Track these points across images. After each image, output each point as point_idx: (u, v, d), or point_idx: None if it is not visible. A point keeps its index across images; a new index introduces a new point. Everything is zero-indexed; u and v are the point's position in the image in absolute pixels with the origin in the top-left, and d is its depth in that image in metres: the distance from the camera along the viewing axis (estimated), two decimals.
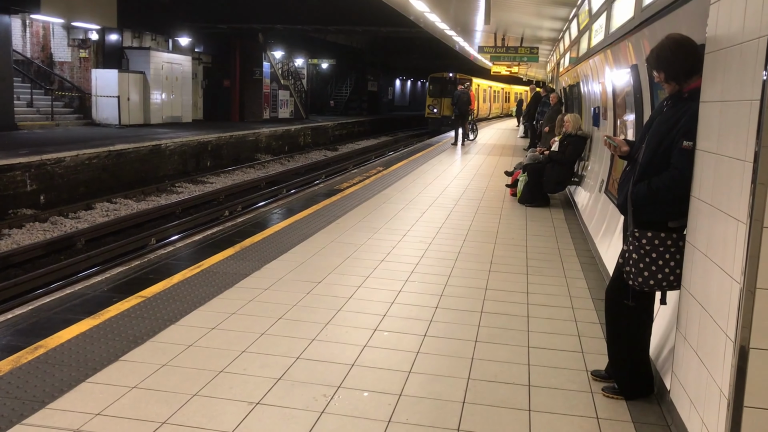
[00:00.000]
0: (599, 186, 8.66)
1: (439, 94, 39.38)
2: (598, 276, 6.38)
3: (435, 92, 40.12)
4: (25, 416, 3.33)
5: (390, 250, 7.13)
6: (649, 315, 3.81)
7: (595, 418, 3.58)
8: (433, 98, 39.93)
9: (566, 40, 15.56)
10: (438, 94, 39.58)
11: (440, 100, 39.00)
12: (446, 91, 37.75)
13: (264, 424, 3.38)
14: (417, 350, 4.40)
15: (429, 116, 40.22)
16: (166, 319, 4.77)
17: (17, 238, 11.57)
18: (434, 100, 39.77)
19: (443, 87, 39.05)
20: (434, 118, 39.57)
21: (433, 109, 39.90)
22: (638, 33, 5.75)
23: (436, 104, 39.59)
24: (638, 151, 3.62)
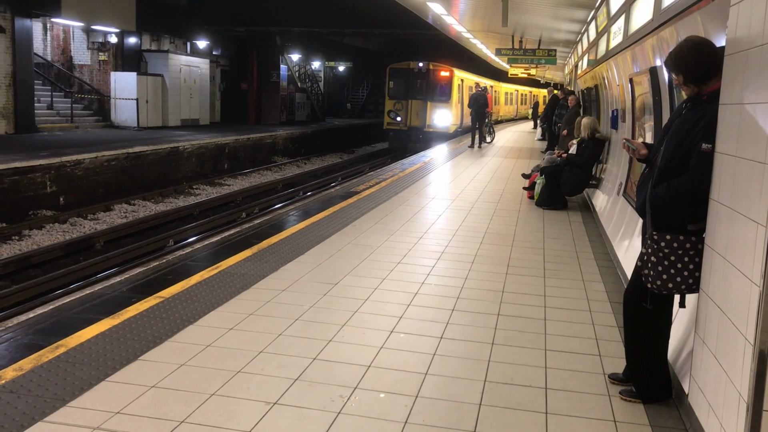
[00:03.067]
0: (617, 189, 8.61)
1: (404, 93, 27.36)
2: (616, 279, 6.35)
3: (398, 91, 27.61)
4: (46, 414, 3.37)
5: (406, 252, 7.14)
6: (667, 318, 3.79)
7: (613, 422, 3.56)
8: (395, 100, 27.47)
9: (584, 43, 15.50)
10: (402, 93, 27.41)
11: (406, 104, 27.14)
12: (414, 89, 27.17)
13: (281, 424, 3.40)
14: (433, 352, 4.40)
15: (390, 127, 27.75)
16: (185, 320, 4.81)
17: (37, 239, 11.70)
18: (397, 103, 27.38)
19: (410, 83, 27.39)
20: (397, 131, 27.48)
21: (395, 116, 27.40)
22: (657, 35, 5.72)
23: (400, 109, 27.34)
24: (657, 154, 3.61)
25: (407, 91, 27.25)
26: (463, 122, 29.06)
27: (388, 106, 27.68)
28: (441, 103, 27.12)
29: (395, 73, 27.89)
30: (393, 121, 27.48)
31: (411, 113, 27.27)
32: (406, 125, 27.23)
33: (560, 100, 17.81)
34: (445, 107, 27.20)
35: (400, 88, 27.49)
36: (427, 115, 26.98)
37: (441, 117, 27.08)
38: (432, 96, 27.00)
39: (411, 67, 27.46)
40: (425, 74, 27.22)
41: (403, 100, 27.25)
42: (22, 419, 3.31)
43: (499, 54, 22.02)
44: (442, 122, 27.11)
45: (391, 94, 27.71)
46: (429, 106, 27.04)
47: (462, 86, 29.03)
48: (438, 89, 27.18)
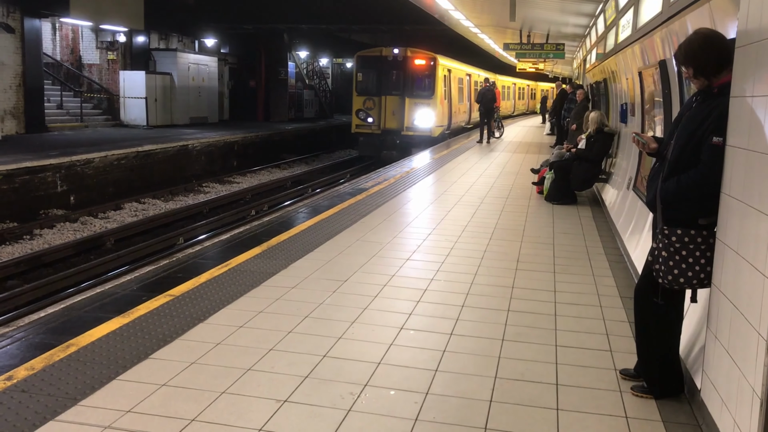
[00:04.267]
0: (627, 183, 8.56)
1: (376, 88, 22.47)
2: (627, 274, 6.31)
3: (368, 85, 22.76)
4: (58, 413, 3.39)
5: (416, 248, 7.13)
6: (678, 313, 3.76)
7: (624, 418, 3.54)
8: (365, 97, 22.57)
9: (593, 36, 15.42)
10: (374, 88, 22.56)
11: (379, 101, 22.32)
12: (389, 82, 22.31)
13: (291, 421, 3.40)
14: (443, 349, 4.39)
15: (360, 131, 22.73)
16: (195, 318, 4.81)
17: (48, 238, 11.77)
18: (367, 101, 22.50)
19: (383, 75, 22.45)
20: (368, 135, 22.50)
21: (364, 116, 22.54)
22: (667, 28, 5.67)
23: (371, 107, 22.41)
24: (667, 148, 3.58)
25: (380, 84, 22.25)
26: (452, 123, 24.86)
27: (356, 105, 22.55)
28: (422, 100, 22.18)
29: (364, 62, 22.87)
30: (363, 122, 22.34)
31: (385, 113, 22.17)
32: (378, 128, 22.11)
33: (569, 94, 17.73)
34: (427, 105, 22.15)
35: (371, 81, 22.55)
36: (404, 115, 22.08)
37: (422, 117, 22.07)
38: (410, 91, 22.17)
39: (384, 55, 22.23)
40: (402, 63, 22.11)
41: (374, 96, 22.20)
42: (34, 418, 3.32)
43: (507, 49, 21.98)
44: (424, 123, 22.12)
45: (359, 89, 22.62)
46: (407, 104, 22.05)
47: (449, 78, 24.02)
48: (418, 82, 22.44)
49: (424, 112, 22.18)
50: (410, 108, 22.22)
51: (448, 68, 24.08)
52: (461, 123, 27.78)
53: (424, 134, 22.09)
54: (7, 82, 19.33)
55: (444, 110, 23.69)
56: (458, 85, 26.30)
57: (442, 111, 23.23)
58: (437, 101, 22.47)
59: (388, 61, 22.26)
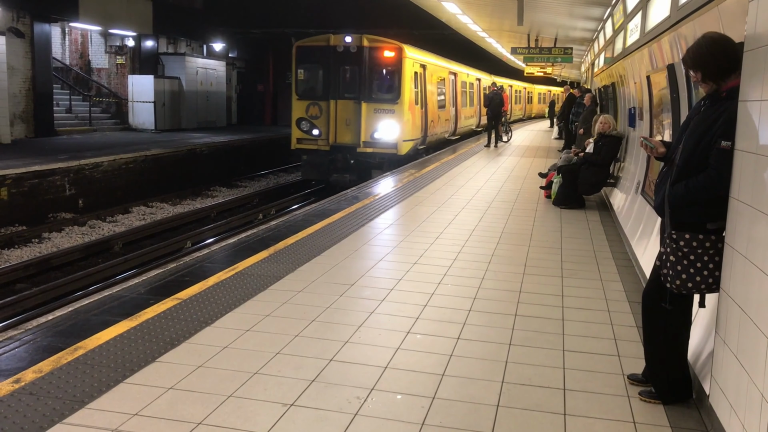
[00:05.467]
0: (635, 187, 8.53)
1: (324, 89, 17.41)
2: (635, 279, 6.29)
3: (312, 86, 17.74)
4: (65, 416, 3.40)
5: (422, 252, 7.12)
6: (687, 318, 3.74)
7: (632, 423, 3.52)
8: (309, 101, 17.40)
9: (601, 40, 15.40)
10: (320, 89, 17.50)
11: (327, 107, 17.20)
12: (340, 81, 17.22)
13: (298, 425, 3.39)
14: (450, 353, 4.38)
15: (302, 147, 17.57)
16: (202, 321, 4.82)
17: (57, 241, 11.82)
18: (311, 106, 17.34)
19: (332, 72, 17.24)
20: (314, 152, 17.42)
21: (308, 127, 17.39)
22: (675, 32, 5.66)
23: (317, 115, 17.29)
24: (675, 152, 3.57)
25: (328, 85, 17.06)
26: (428, 135, 19.46)
27: (296, 112, 17.20)
28: (384, 105, 16.91)
29: (306, 55, 17.36)
30: (306, 135, 17.12)
31: (335, 123, 16.98)
32: (327, 143, 16.97)
33: (577, 98, 17.70)
34: (391, 112, 16.83)
35: (316, 80, 17.43)
36: (361, 126, 16.84)
37: (385, 128, 16.82)
38: (369, 93, 17.00)
39: (332, 45, 16.96)
40: (357, 56, 16.85)
41: (321, 100, 17.01)
42: (42, 421, 3.33)
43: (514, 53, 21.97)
44: (388, 137, 16.85)
45: (300, 92, 17.28)
46: (364, 111, 16.81)
47: (423, 77, 18.80)
48: (379, 81, 17.36)
49: (388, 122, 16.79)
50: (369, 116, 16.81)
51: (421, 63, 18.67)
52: (442, 134, 22.10)
53: (387, 151, 16.82)
54: (16, 86, 19.45)
55: (416, 119, 18.02)
56: (438, 87, 21.00)
57: (412, 120, 17.49)
58: (404, 107, 16.94)
59: (338, 53, 16.83)
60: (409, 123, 17.39)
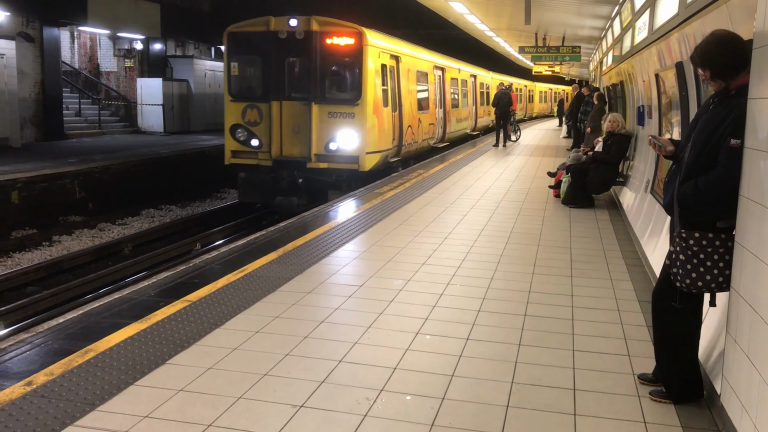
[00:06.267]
0: (645, 186, 8.50)
1: (264, 88, 13.65)
2: (645, 278, 6.26)
3: (250, 83, 14.23)
4: (77, 418, 3.41)
5: (431, 253, 7.11)
6: (697, 317, 3.72)
7: (643, 423, 3.51)
8: (246, 102, 13.67)
9: (609, 39, 15.35)
10: (261, 89, 13.73)
11: (268, 110, 13.45)
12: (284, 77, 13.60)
13: (307, 427, 3.40)
14: (460, 354, 4.38)
15: (238, 161, 13.81)
16: (211, 323, 4.84)
17: (67, 244, 11.88)
18: (249, 109, 13.63)
19: (277, 66, 13.47)
20: (253, 168, 13.67)
21: (246, 136, 13.68)
22: (683, 29, 5.63)
23: (256, 121, 13.59)
24: (684, 151, 3.56)
25: (269, 82, 13.42)
26: (403, 144, 15.67)
27: (230, 116, 13.68)
28: (342, 107, 13.36)
29: (242, 43, 13.76)
30: (243, 146, 13.59)
31: (279, 130, 13.34)
32: (269, 156, 13.37)
33: (585, 97, 17.66)
34: (350, 116, 13.28)
35: (254, 75, 13.95)
36: (312, 134, 13.20)
37: (344, 138, 13.26)
38: (321, 92, 13.35)
39: (273, 30, 13.30)
40: (305, 45, 13.16)
41: (261, 102, 13.41)
42: (54, 423, 3.35)
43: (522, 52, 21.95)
44: (347, 147, 13.27)
45: (235, 91, 13.79)
46: (316, 115, 13.19)
47: (396, 72, 15.27)
48: (334, 76, 13.80)
49: (346, 130, 13.20)
50: (322, 122, 13.19)
51: (392, 54, 15.06)
52: (426, 142, 18.24)
53: (346, 166, 13.25)
54: (26, 90, 19.58)
55: (384, 124, 14.26)
56: (419, 84, 17.34)
57: (378, 126, 13.84)
58: (367, 109, 13.34)
59: (282, 40, 13.15)
60: (374, 130, 13.57)
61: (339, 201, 10.75)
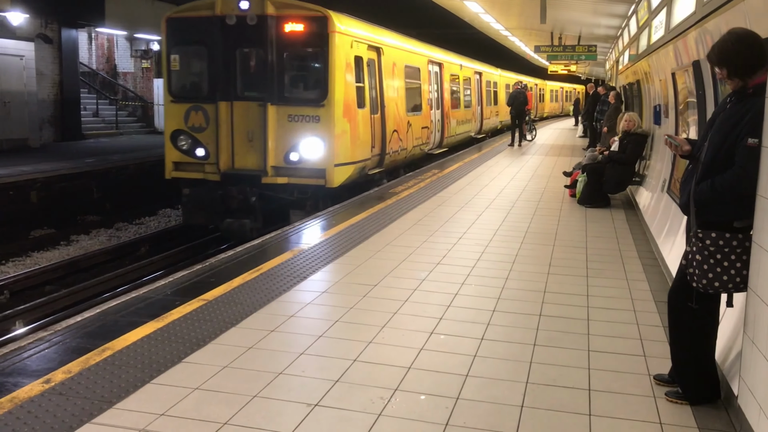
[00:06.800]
0: (661, 186, 8.45)
1: (211, 87, 11.05)
2: (661, 278, 6.22)
3: (193, 80, 11.64)
4: (94, 415, 3.45)
5: (446, 253, 7.11)
6: (714, 318, 3.69)
7: (659, 424, 3.49)
8: (190, 103, 11.16)
9: (625, 38, 15.26)
10: (207, 86, 11.17)
11: (215, 112, 10.92)
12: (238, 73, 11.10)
13: (322, 425, 3.41)
14: (474, 354, 4.37)
15: (180, 173, 11.38)
16: (227, 322, 4.86)
17: (84, 243, 11.99)
18: (194, 112, 11.09)
19: (226, 59, 10.90)
20: (199, 183, 11.15)
21: (189, 145, 11.16)
22: (700, 28, 5.59)
23: (201, 126, 11.08)
24: (701, 150, 3.53)
25: (216, 78, 11.04)
26: (386, 153, 13.08)
27: (171, 120, 11.46)
28: (304, 109, 10.93)
29: (183, 31, 11.37)
30: (187, 157, 11.31)
31: (230, 138, 11.00)
32: (217, 169, 11.05)
33: (601, 96, 17.56)
34: (316, 120, 10.83)
35: (199, 71, 11.56)
36: (269, 142, 10.85)
37: (307, 146, 10.85)
38: (279, 90, 10.95)
39: (219, 15, 10.91)
40: (259, 33, 10.79)
41: (207, 103, 11.10)
42: (71, 421, 3.39)
43: (538, 51, 21.86)
44: (310, 158, 10.86)
45: (176, 89, 11.54)
46: (273, 118, 10.82)
47: (376, 65, 12.95)
48: (295, 71, 11.61)
49: (310, 137, 10.75)
50: (281, 127, 10.80)
51: (371, 45, 12.62)
52: (418, 149, 15.72)
53: (309, 181, 10.83)
54: (45, 91, 19.78)
55: (360, 129, 11.71)
56: (408, 81, 14.95)
57: (351, 131, 11.32)
58: (336, 111, 10.83)
59: (231, 27, 10.74)
60: (345, 136, 11.03)
61: (351, 201, 10.59)
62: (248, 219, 10.78)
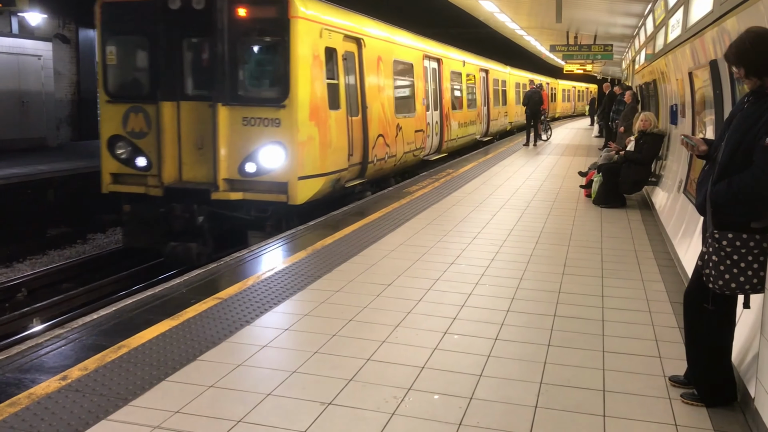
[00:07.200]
0: (678, 186, 8.38)
1: (152, 84, 9.42)
2: (677, 279, 6.18)
3: (133, 76, 10.03)
4: (110, 412, 3.48)
5: (460, 252, 7.10)
6: (730, 319, 3.66)
7: (674, 426, 3.46)
8: (130, 104, 9.53)
9: (641, 37, 15.16)
10: (147, 83, 9.58)
11: (158, 113, 9.22)
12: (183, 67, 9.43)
13: (335, 424, 3.42)
14: (488, 354, 4.36)
15: (119, 187, 9.70)
16: (242, 320, 4.89)
17: (101, 242, 12.08)
18: (133, 114, 9.47)
19: (170, 50, 9.25)
20: (141, 199, 9.44)
21: (130, 155, 9.53)
22: (718, 27, 5.55)
23: (143, 131, 9.45)
24: (717, 150, 3.50)
25: (158, 74, 9.44)
26: (369, 161, 11.34)
27: (107, 123, 9.81)
28: (261, 110, 9.16)
29: (121, 18, 9.73)
30: (127, 167, 9.71)
31: (176, 145, 9.38)
32: (159, 183, 9.35)
33: (617, 95, 17.46)
34: (276, 123, 9.08)
35: (139, 65, 10.10)
36: (219, 150, 9.09)
37: (267, 156, 9.12)
38: (230, 88, 9.22)
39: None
40: (207, 19, 9.03)
41: (148, 103, 9.48)
42: (88, 417, 3.42)
43: (553, 50, 21.77)
44: (271, 167, 9.09)
45: (113, 87, 9.93)
46: (225, 121, 9.09)
47: (356, 59, 11.23)
48: (250, 64, 9.88)
49: (269, 145, 9.08)
50: (234, 132, 9.14)
51: (348, 35, 10.81)
52: (410, 155, 14.07)
53: (269, 198, 9.16)
54: (62, 91, 19.96)
55: (332, 134, 9.96)
56: (396, 79, 13.26)
57: (321, 137, 9.60)
58: (299, 112, 9.16)
59: (175, 12, 9.16)
60: (312, 143, 9.33)
61: (366, 199, 10.34)
62: (195, 243, 9.09)
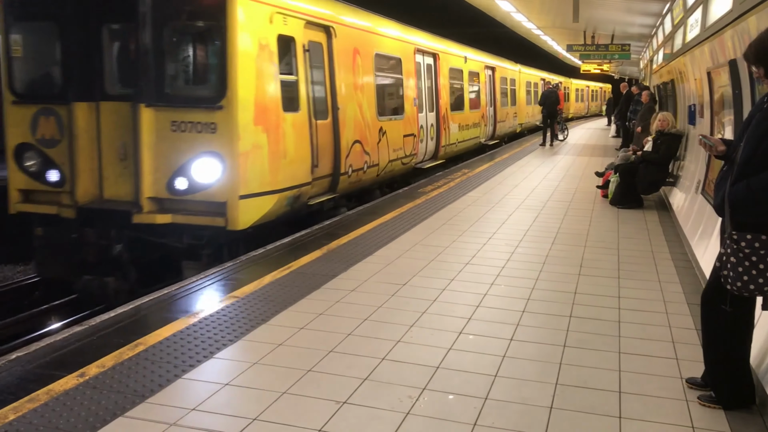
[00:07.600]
0: (695, 187, 8.32)
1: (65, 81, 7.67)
2: (695, 280, 6.13)
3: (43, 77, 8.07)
4: (127, 409, 3.51)
5: (475, 252, 7.09)
6: (748, 321, 3.63)
7: (691, 428, 3.44)
8: (40, 105, 7.74)
9: (660, 36, 15.05)
10: (59, 81, 7.79)
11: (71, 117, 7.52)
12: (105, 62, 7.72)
13: (350, 423, 3.43)
14: (503, 354, 4.36)
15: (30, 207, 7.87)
16: (257, 319, 4.91)
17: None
18: (42, 119, 7.74)
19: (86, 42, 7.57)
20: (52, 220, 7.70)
21: (40, 167, 7.78)
22: (737, 26, 5.50)
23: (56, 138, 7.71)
24: (736, 150, 3.47)
25: (72, 69, 7.70)
26: (341, 173, 9.59)
27: (14, 129, 7.97)
28: (194, 113, 7.31)
29: (24, 3, 7.89)
30: (37, 182, 7.91)
31: (95, 155, 7.66)
32: (73, 202, 7.61)
33: (635, 95, 17.34)
34: (211, 129, 7.25)
35: (50, 58, 8.04)
36: (142, 162, 7.33)
37: (201, 169, 7.29)
38: (156, 85, 7.44)
39: None
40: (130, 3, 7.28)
41: (60, 104, 7.68)
42: (105, 414, 3.45)
43: (570, 50, 21.66)
44: (206, 183, 7.29)
45: (19, 86, 8.03)
46: (149, 126, 7.33)
47: (326, 52, 9.47)
48: (180, 56, 7.81)
49: (203, 156, 7.31)
50: (160, 138, 7.42)
51: (311, 21, 8.99)
52: (398, 163, 12.35)
53: (204, 221, 7.39)
54: None
55: (287, 141, 8.13)
56: (377, 76, 11.46)
57: (271, 145, 7.81)
58: (238, 116, 7.33)
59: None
60: (259, 153, 7.67)
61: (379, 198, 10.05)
62: (113, 276, 7.53)
